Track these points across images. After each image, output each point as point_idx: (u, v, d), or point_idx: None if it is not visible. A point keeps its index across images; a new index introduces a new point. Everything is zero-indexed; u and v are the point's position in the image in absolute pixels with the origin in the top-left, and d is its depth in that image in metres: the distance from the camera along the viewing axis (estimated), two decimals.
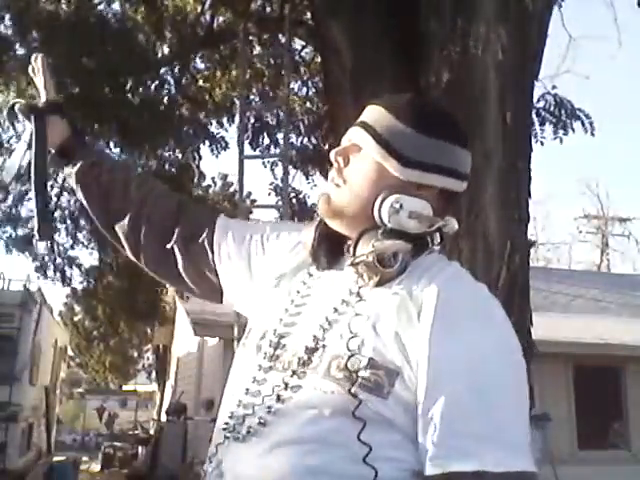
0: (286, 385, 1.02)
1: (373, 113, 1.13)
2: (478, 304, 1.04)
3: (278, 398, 1.01)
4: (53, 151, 1.36)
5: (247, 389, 1.06)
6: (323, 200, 1.13)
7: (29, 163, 1.29)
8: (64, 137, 1.36)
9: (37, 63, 1.37)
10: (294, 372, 1.02)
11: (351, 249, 1.07)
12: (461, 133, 1.16)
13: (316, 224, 1.15)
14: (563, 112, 4.91)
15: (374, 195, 1.08)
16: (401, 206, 1.05)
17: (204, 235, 1.32)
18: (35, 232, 1.31)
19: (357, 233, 1.08)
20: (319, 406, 0.98)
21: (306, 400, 0.99)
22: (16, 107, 1.31)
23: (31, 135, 1.30)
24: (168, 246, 1.33)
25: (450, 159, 1.11)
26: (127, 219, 1.36)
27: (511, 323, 1.10)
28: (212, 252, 1.31)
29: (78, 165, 1.36)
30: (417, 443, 0.96)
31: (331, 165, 1.15)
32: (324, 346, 1.02)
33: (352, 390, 0.96)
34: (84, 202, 1.42)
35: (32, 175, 1.29)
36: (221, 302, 1.35)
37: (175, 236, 1.33)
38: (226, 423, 1.07)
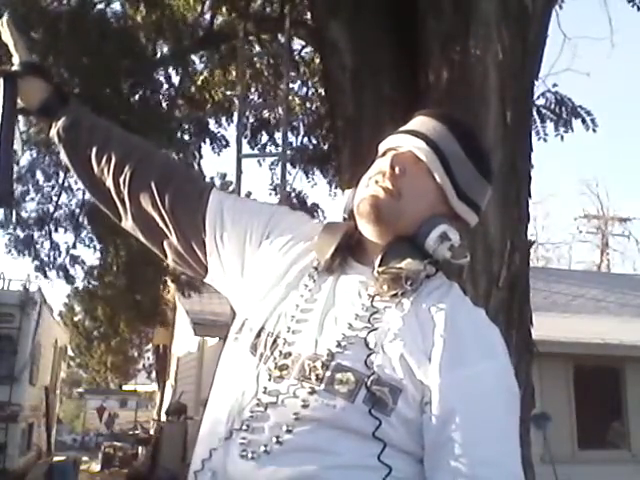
0: (305, 403, 1.00)
1: (437, 130, 1.11)
2: (481, 333, 1.06)
3: (296, 417, 0.99)
4: (36, 110, 1.32)
5: (259, 400, 1.03)
6: (369, 202, 1.09)
7: None
8: (43, 97, 1.31)
9: (4, 27, 1.34)
10: (313, 389, 1.00)
11: (378, 258, 1.06)
12: (493, 170, 1.19)
13: (343, 231, 1.12)
14: (564, 110, 4.91)
15: (426, 217, 1.08)
16: (448, 238, 1.06)
17: (195, 207, 1.26)
18: None
19: (386, 243, 1.08)
20: (322, 419, 0.99)
21: (318, 416, 0.99)
22: None
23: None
24: (156, 213, 1.28)
25: (483, 199, 1.16)
26: (110, 181, 1.30)
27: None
28: (203, 228, 1.25)
29: (58, 124, 1.31)
30: (411, 454, 1.00)
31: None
32: (337, 362, 1.01)
33: (354, 401, 0.98)
34: (68, 163, 1.37)
35: None
36: (204, 278, 1.30)
37: (167, 203, 1.26)
38: (231, 431, 1.03)
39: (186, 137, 6.31)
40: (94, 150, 1.31)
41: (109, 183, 1.31)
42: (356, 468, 0.97)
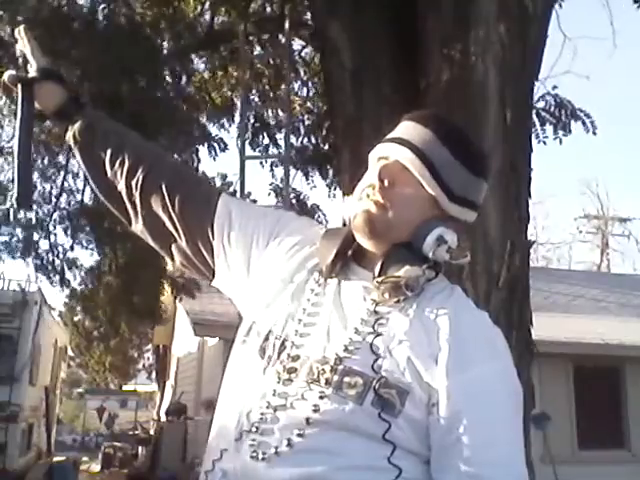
0: (315, 407, 1.01)
1: (423, 136, 1.11)
2: (485, 336, 1.08)
3: (307, 421, 1.01)
4: (50, 114, 1.34)
5: (268, 402, 1.04)
6: (363, 218, 1.10)
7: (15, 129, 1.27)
8: (59, 101, 1.33)
9: (21, 35, 1.36)
10: (323, 393, 1.01)
11: (377, 267, 1.08)
12: (488, 167, 1.19)
13: (343, 236, 1.14)
14: (563, 113, 4.91)
15: (420, 223, 1.09)
16: (444, 240, 1.07)
17: (204, 211, 1.29)
18: (14, 200, 1.26)
19: (383, 251, 1.09)
20: (332, 421, 1.00)
21: (328, 419, 1.00)
22: (3, 78, 1.30)
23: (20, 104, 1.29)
24: (166, 217, 1.30)
25: (480, 195, 1.16)
26: (122, 185, 1.33)
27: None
28: (211, 231, 1.27)
29: (74, 128, 1.34)
30: (418, 455, 1.01)
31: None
32: (345, 366, 1.03)
33: (363, 403, 0.99)
34: (82, 166, 1.39)
35: (15, 140, 1.28)
36: (211, 281, 1.32)
37: (176, 206, 1.29)
38: (240, 433, 1.04)
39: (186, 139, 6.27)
40: (108, 153, 1.34)
41: (121, 186, 1.33)
42: (366, 469, 0.98)
